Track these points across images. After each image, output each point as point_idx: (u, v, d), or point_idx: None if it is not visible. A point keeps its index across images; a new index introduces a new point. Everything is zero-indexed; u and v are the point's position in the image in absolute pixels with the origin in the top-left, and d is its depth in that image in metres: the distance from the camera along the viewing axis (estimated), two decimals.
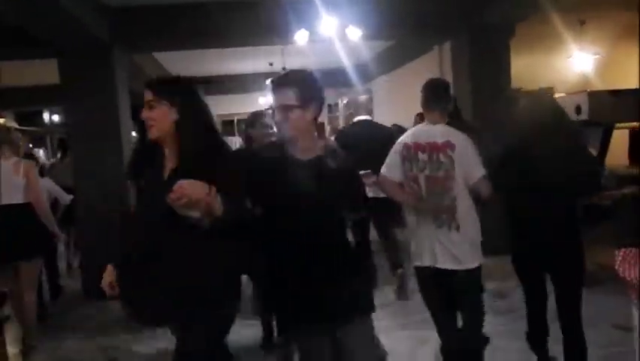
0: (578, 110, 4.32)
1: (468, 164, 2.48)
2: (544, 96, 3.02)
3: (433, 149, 2.52)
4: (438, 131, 2.56)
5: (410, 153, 2.58)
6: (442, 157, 2.49)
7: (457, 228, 2.50)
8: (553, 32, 5.41)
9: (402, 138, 2.69)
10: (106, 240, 4.60)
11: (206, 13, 4.83)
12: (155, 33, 5.11)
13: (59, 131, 11.15)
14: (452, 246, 2.49)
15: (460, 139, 2.52)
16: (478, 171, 2.49)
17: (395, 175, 2.62)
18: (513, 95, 5.40)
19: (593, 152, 4.58)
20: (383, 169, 2.68)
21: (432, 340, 3.26)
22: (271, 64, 8.38)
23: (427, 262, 2.57)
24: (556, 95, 5.70)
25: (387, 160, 2.67)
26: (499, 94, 5.04)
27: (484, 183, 2.52)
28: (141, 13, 4.92)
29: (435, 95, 2.64)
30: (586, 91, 4.42)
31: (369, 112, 4.57)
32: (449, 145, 2.49)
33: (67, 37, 4.52)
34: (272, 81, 1.97)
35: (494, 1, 4.81)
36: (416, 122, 4.18)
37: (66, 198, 4.71)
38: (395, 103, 4.52)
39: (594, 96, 4.23)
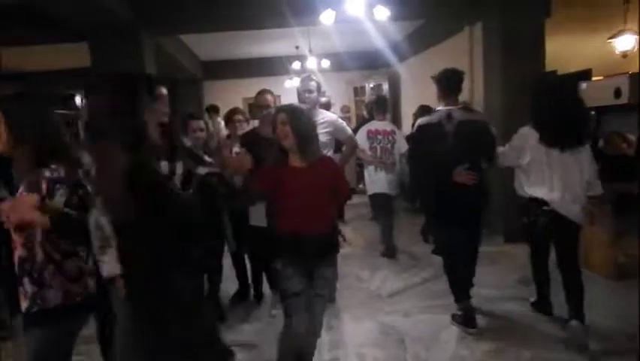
0: (618, 93, 4.08)
1: (401, 144, 4.82)
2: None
3: (385, 133, 4.82)
4: (385, 124, 4.91)
5: (374, 135, 4.79)
6: (390, 138, 4.80)
7: (394, 174, 4.81)
8: (593, 12, 5.12)
9: (366, 126, 4.92)
10: None
11: None
12: (180, 16, 5.10)
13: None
14: (392, 182, 4.79)
15: (396, 130, 4.97)
16: (404, 147, 4.76)
17: (364, 146, 4.73)
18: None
19: (632, 138, 4.34)
20: (357, 142, 4.39)
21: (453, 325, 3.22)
22: (297, 47, 8.28)
23: (380, 190, 4.80)
24: (594, 78, 5.44)
25: (359, 138, 4.53)
26: (531, 77, 4.83)
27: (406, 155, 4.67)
28: None
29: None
30: (627, 73, 4.17)
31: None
32: (393, 132, 4.87)
33: (94, 20, 4.55)
34: None
35: None
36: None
37: None
38: (423, 85, 4.40)
39: (636, 79, 3.98)
